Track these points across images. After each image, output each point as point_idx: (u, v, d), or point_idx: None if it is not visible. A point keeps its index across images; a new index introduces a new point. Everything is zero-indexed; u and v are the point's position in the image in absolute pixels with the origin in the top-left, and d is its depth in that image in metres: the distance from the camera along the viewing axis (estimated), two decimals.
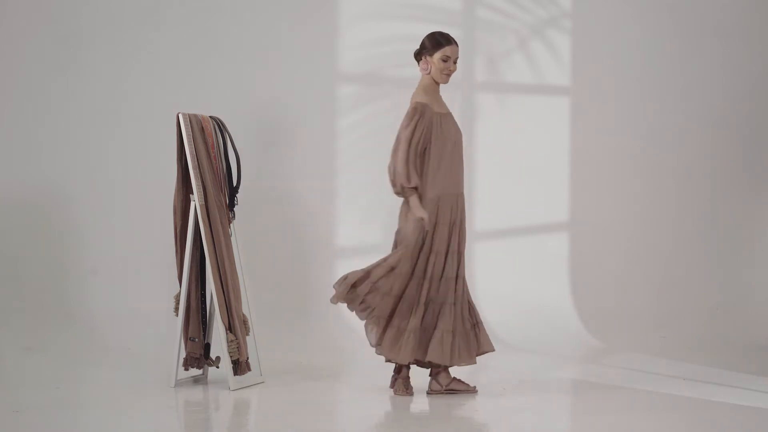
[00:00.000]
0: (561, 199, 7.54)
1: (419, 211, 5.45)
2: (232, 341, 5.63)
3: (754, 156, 7.73)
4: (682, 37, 7.64)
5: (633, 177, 7.61)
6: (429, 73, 5.58)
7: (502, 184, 7.40)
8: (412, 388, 5.61)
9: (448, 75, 5.57)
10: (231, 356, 5.64)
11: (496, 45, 7.44)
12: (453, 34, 5.59)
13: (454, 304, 5.54)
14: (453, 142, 5.58)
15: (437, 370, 5.61)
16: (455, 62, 5.58)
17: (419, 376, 5.66)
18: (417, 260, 5.53)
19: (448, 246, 5.56)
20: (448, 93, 5.78)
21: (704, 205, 7.68)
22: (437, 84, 5.61)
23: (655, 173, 7.62)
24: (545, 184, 7.49)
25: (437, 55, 5.54)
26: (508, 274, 7.33)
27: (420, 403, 5.45)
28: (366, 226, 7.36)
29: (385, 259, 5.54)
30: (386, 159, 5.53)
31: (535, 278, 7.37)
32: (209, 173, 5.73)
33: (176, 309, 5.77)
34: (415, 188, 5.47)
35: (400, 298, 5.54)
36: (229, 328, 5.66)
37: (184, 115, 5.68)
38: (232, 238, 5.82)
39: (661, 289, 7.55)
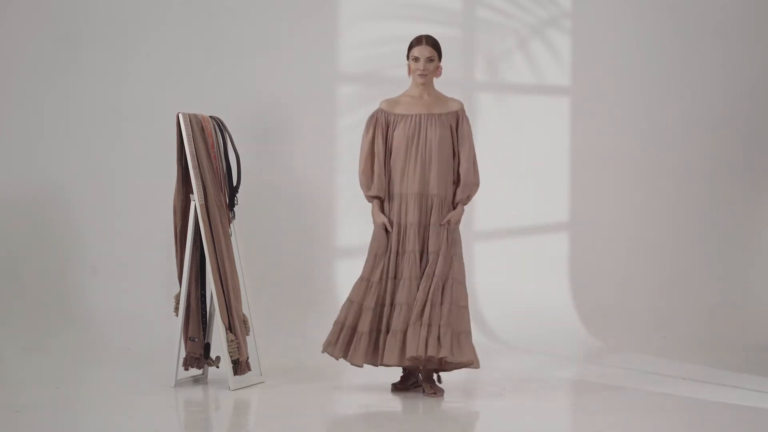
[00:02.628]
0: (561, 199, 7.54)
1: (377, 218, 5.72)
2: (232, 341, 5.62)
3: (754, 156, 7.72)
4: (682, 37, 7.63)
5: (633, 177, 7.61)
6: (409, 75, 5.72)
7: (502, 184, 7.38)
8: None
9: (421, 75, 5.66)
10: (231, 356, 5.64)
11: (496, 45, 7.44)
12: (453, 34, 5.61)
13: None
14: (415, 142, 5.63)
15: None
16: (430, 60, 5.64)
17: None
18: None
19: (414, 246, 5.64)
20: (448, 93, 5.78)
21: (704, 205, 7.68)
22: (421, 85, 5.68)
23: (655, 173, 7.62)
24: (545, 184, 7.49)
25: (410, 57, 5.69)
26: (508, 275, 7.33)
27: (416, 403, 5.45)
28: (366, 226, 7.35)
29: None
30: None
31: (535, 278, 7.37)
32: (209, 173, 5.73)
33: (176, 309, 5.77)
34: (376, 197, 5.70)
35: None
36: (229, 328, 5.66)
37: (184, 115, 5.68)
38: (232, 238, 5.82)
39: (661, 289, 7.55)
